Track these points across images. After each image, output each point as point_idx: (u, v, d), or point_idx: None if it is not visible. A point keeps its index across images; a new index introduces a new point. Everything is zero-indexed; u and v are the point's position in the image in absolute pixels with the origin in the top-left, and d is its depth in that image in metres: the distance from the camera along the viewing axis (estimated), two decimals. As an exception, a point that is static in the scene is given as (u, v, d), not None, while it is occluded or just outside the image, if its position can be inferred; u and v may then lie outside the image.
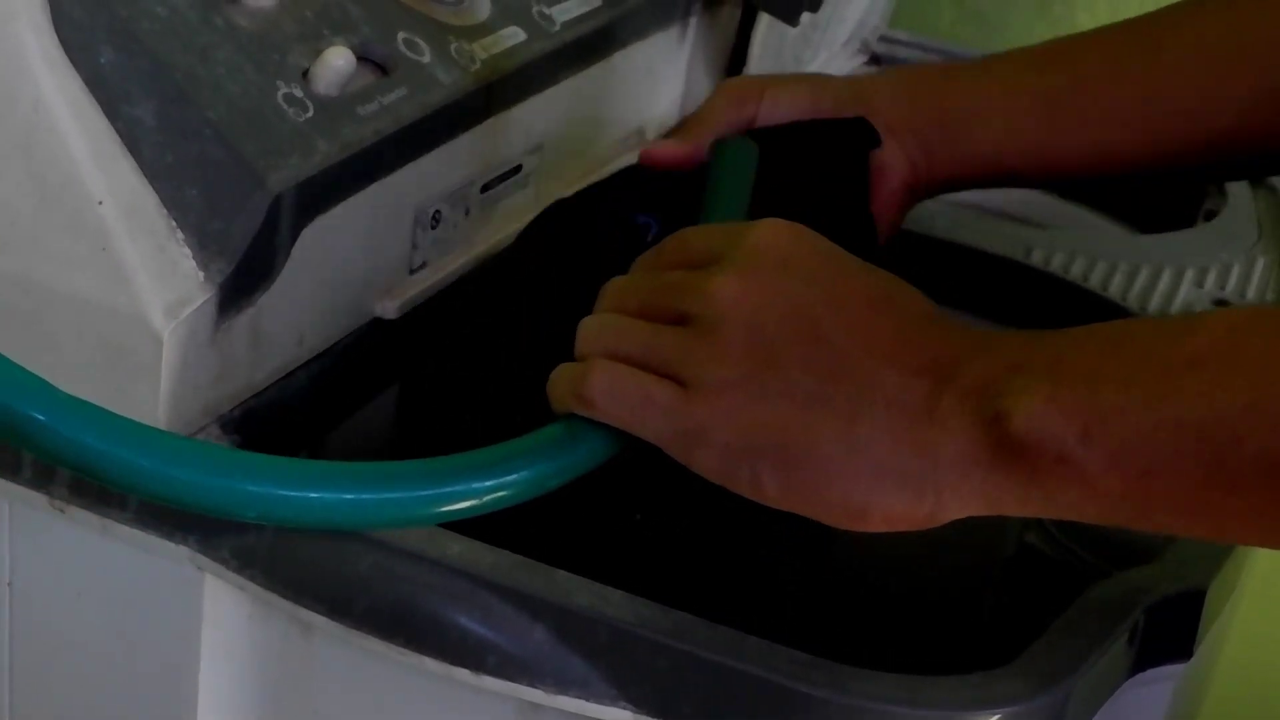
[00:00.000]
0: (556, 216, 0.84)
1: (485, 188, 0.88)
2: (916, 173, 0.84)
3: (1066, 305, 0.96)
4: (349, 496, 0.63)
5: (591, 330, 0.66)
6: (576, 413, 0.65)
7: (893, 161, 0.84)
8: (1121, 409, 0.56)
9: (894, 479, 0.59)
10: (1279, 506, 0.54)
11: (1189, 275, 0.97)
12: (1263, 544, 0.59)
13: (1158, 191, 1.11)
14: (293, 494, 0.62)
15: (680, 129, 0.88)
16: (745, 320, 0.62)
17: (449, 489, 0.64)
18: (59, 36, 0.69)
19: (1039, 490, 0.58)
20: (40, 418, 0.60)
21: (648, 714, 0.66)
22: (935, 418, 0.59)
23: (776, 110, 0.85)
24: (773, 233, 0.64)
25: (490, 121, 0.86)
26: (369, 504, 0.63)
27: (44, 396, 0.61)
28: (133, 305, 0.69)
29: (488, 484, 0.64)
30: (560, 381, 0.65)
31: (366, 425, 1.03)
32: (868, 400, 0.60)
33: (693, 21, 1.04)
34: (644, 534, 0.76)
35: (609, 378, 0.63)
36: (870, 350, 0.61)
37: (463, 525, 0.67)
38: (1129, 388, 0.56)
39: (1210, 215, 1.06)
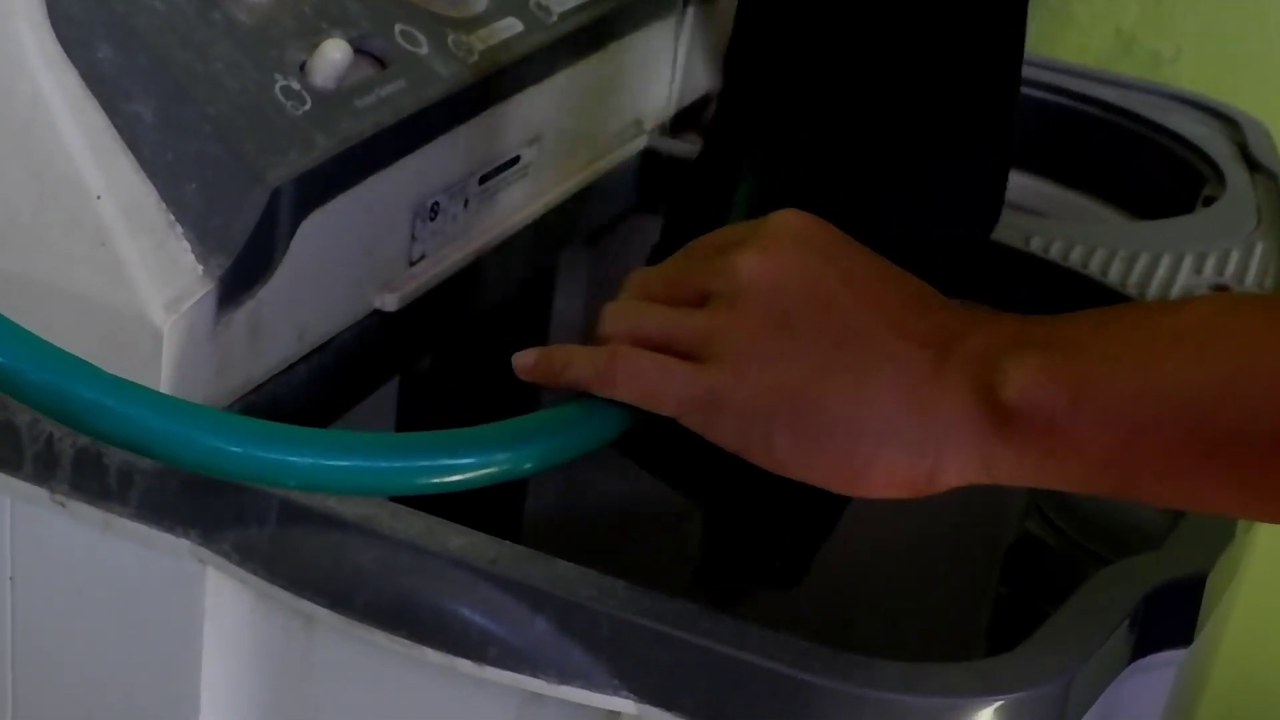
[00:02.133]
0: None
1: (484, 179, 0.88)
2: None
3: (1065, 292, 0.96)
4: (376, 464, 0.64)
5: (613, 314, 0.67)
6: (597, 393, 0.66)
7: None
8: (1108, 377, 0.59)
9: (896, 436, 0.62)
10: (1253, 477, 0.57)
11: (1187, 262, 0.97)
12: (1242, 515, 0.62)
13: (1156, 178, 1.11)
14: (319, 462, 0.63)
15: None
16: (764, 292, 0.64)
17: (468, 459, 0.65)
18: (57, 33, 0.69)
19: (1031, 457, 0.60)
20: (91, 397, 0.62)
21: (650, 704, 0.66)
22: (937, 382, 0.62)
23: None
24: (792, 215, 0.67)
25: (488, 113, 0.86)
26: (392, 471, 0.64)
27: (92, 376, 0.63)
28: (132, 300, 0.69)
29: (503, 456, 0.65)
30: (580, 363, 0.67)
31: (368, 418, 1.03)
32: (875, 364, 0.62)
33: (689, 11, 1.04)
34: None
35: (631, 360, 0.65)
36: (880, 320, 0.64)
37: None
38: (1117, 359, 0.59)
39: (1209, 201, 1.06)
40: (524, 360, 0.68)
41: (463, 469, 0.65)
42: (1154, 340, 0.59)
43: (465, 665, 0.68)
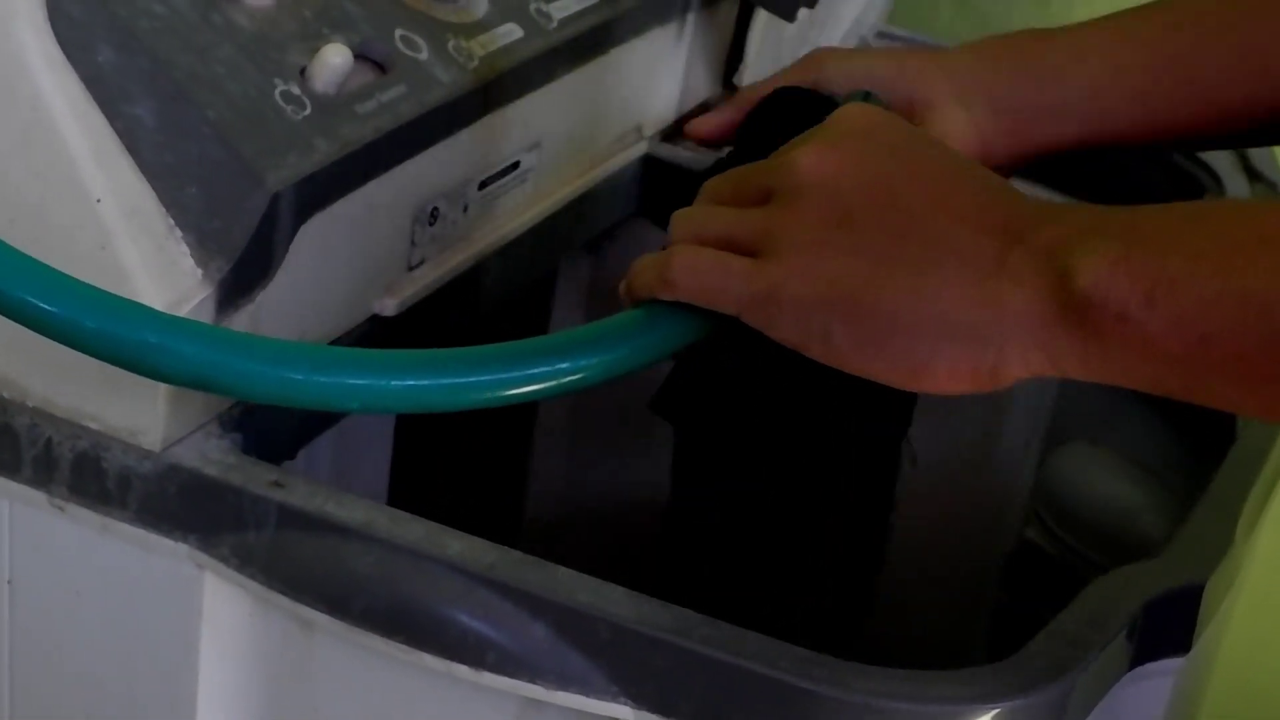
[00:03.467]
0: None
1: (483, 185, 0.88)
2: (992, 144, 0.81)
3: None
4: (438, 381, 0.65)
5: (678, 220, 0.67)
6: (660, 296, 0.66)
7: (960, 134, 0.80)
8: (1188, 276, 0.57)
9: (959, 329, 0.60)
10: None
11: (1187, 270, 0.97)
12: None
13: (1157, 187, 1.11)
14: (385, 382, 0.64)
15: (736, 95, 0.86)
16: (823, 185, 0.63)
17: (531, 370, 0.65)
18: (57, 36, 0.69)
19: (1099, 350, 0.59)
20: (152, 339, 0.64)
21: (648, 710, 0.66)
22: (1004, 272, 0.60)
23: (837, 79, 0.83)
24: (858, 110, 0.67)
25: (488, 119, 0.86)
26: (456, 387, 0.65)
27: (150, 319, 0.64)
28: (132, 304, 0.69)
29: (565, 365, 0.65)
30: (645, 269, 0.66)
31: (366, 422, 1.03)
32: (938, 255, 0.61)
33: (690, 18, 1.04)
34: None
35: (690, 257, 0.65)
36: (944, 211, 0.62)
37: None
38: (1198, 258, 0.57)
39: (1208, 210, 1.06)
40: (620, 287, 0.68)
41: (523, 381, 0.65)
42: (1239, 243, 0.57)
43: (463, 671, 0.68)
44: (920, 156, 0.64)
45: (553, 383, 0.65)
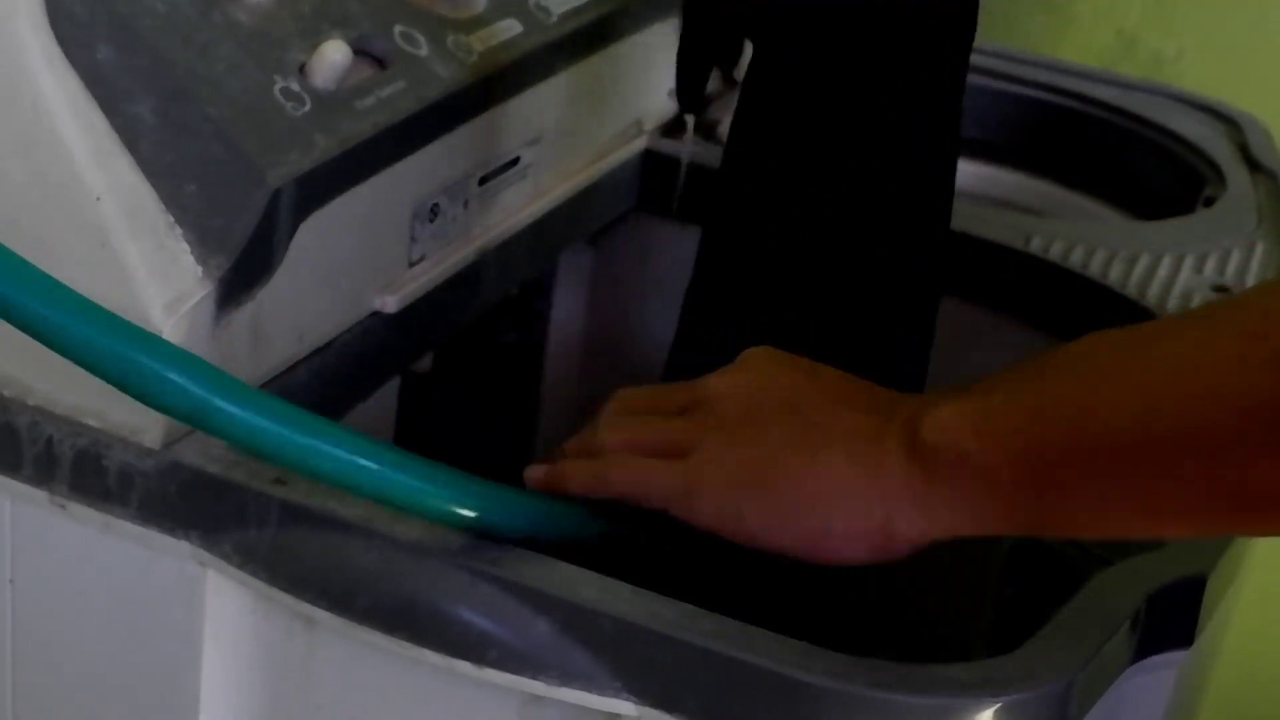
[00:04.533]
0: None
1: (483, 180, 0.88)
2: None
3: (1065, 293, 0.96)
4: (415, 483, 0.69)
5: (610, 429, 0.74)
6: (597, 494, 0.72)
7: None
8: (1006, 409, 0.65)
9: (849, 498, 0.67)
10: (1146, 490, 0.61)
11: (1188, 262, 0.97)
12: (1162, 534, 0.68)
13: (1157, 178, 1.11)
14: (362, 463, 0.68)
15: None
16: (734, 395, 0.72)
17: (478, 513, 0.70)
18: (57, 33, 0.69)
19: (958, 495, 0.65)
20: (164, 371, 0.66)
21: (651, 706, 0.66)
22: (881, 442, 0.67)
23: None
24: (762, 349, 0.75)
25: (488, 114, 0.86)
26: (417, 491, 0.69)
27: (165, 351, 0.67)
28: (132, 301, 0.69)
29: (520, 526, 0.71)
30: (581, 469, 0.73)
31: (367, 419, 1.03)
32: (829, 436, 0.69)
33: (690, 12, 1.04)
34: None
35: (621, 462, 0.72)
36: (838, 402, 0.71)
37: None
38: (1017, 394, 0.65)
39: (1209, 202, 1.06)
40: (535, 474, 0.74)
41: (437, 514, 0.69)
42: (1045, 372, 0.65)
43: (465, 667, 0.68)
44: (819, 373, 0.73)
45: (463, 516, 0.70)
